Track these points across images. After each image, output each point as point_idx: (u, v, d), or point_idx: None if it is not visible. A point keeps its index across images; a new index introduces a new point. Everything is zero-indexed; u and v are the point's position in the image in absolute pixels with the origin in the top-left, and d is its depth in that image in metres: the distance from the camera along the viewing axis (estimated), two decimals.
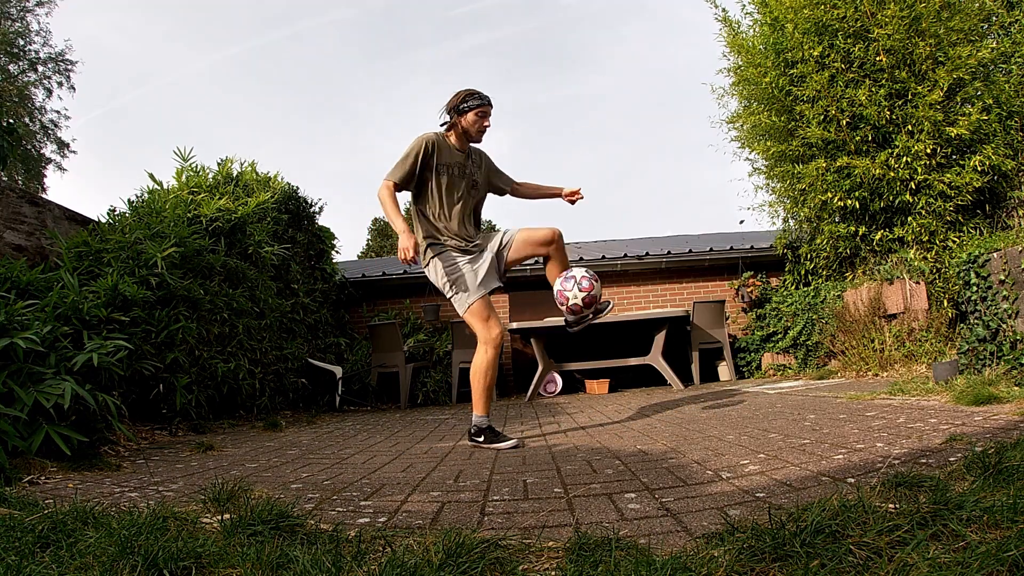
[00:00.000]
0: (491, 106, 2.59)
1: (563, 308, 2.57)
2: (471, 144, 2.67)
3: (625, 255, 6.94)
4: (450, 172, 2.58)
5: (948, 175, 4.61)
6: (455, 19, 51.38)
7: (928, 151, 4.61)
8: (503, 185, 2.84)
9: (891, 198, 4.81)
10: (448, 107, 2.58)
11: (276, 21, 46.00)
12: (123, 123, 44.17)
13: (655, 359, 5.56)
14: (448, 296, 2.59)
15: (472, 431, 2.53)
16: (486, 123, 2.59)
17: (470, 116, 2.55)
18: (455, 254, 2.58)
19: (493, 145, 2.97)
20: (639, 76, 56.10)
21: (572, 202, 2.84)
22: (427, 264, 2.63)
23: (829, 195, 5.01)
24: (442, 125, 2.62)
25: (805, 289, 5.85)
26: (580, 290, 2.48)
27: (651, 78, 56.53)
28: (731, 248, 6.89)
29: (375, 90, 56.65)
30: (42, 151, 17.93)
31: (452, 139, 2.60)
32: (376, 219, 30.07)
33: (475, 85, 2.59)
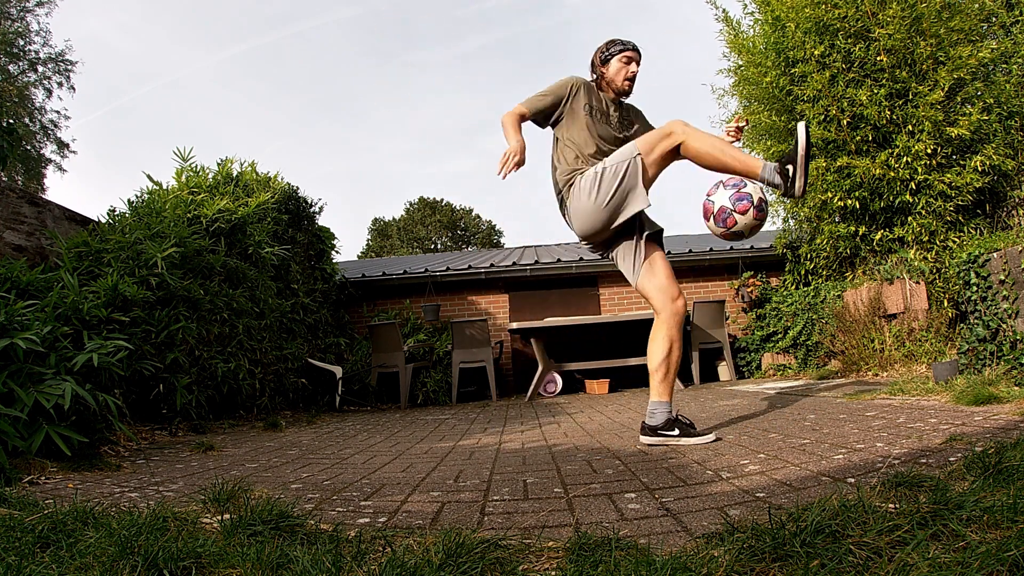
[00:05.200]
0: (637, 52, 2.33)
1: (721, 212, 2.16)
2: (623, 100, 2.42)
3: None
4: (601, 118, 2.34)
5: (948, 175, 4.61)
6: (460, 19, 51.39)
7: (928, 151, 4.60)
8: None
9: (891, 198, 4.81)
10: (592, 65, 2.39)
11: (278, 20, 46.04)
12: (123, 123, 44.27)
13: None
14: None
15: (657, 424, 2.16)
16: (633, 68, 2.33)
17: (613, 64, 2.32)
18: None
19: None
20: (642, 76, 55.95)
21: (740, 132, 2.41)
22: (581, 179, 2.25)
23: (829, 195, 5.01)
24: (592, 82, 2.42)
25: (805, 289, 5.85)
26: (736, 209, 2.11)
27: (653, 78, 56.51)
28: (731, 248, 6.89)
29: (377, 90, 56.69)
30: (42, 151, 17.95)
31: (602, 94, 2.40)
32: (376, 219, 30.08)
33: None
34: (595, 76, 2.41)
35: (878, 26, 4.70)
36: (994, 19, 4.97)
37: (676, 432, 2.14)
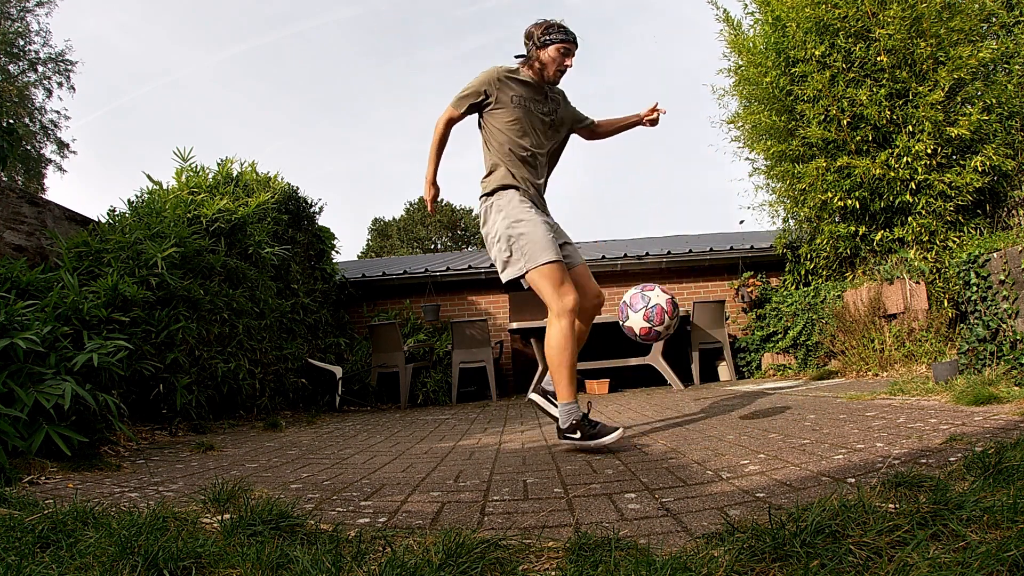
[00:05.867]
0: (576, 44, 2.30)
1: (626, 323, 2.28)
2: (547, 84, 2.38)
3: (625, 255, 6.94)
4: (525, 107, 2.30)
5: (948, 175, 4.61)
6: (460, 19, 51.40)
7: (928, 151, 4.60)
8: (585, 123, 2.55)
9: (891, 198, 4.81)
10: (526, 37, 2.31)
11: (278, 20, 46.03)
12: (123, 123, 44.27)
13: (655, 359, 5.55)
14: (503, 256, 2.23)
15: (563, 427, 2.16)
16: (567, 62, 2.29)
17: (551, 51, 2.25)
18: (524, 202, 2.25)
19: None
20: (642, 76, 56.15)
21: (654, 122, 2.53)
22: (487, 209, 2.31)
23: (829, 195, 5.01)
24: (517, 58, 2.35)
25: (805, 289, 5.85)
26: (644, 319, 2.20)
27: (654, 78, 56.56)
28: (731, 248, 6.89)
29: (377, 90, 56.69)
30: (42, 151, 17.94)
31: (528, 74, 2.32)
32: (376, 219, 30.09)
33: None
34: (526, 54, 2.33)
35: (878, 26, 4.70)
36: (994, 19, 4.97)
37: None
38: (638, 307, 2.22)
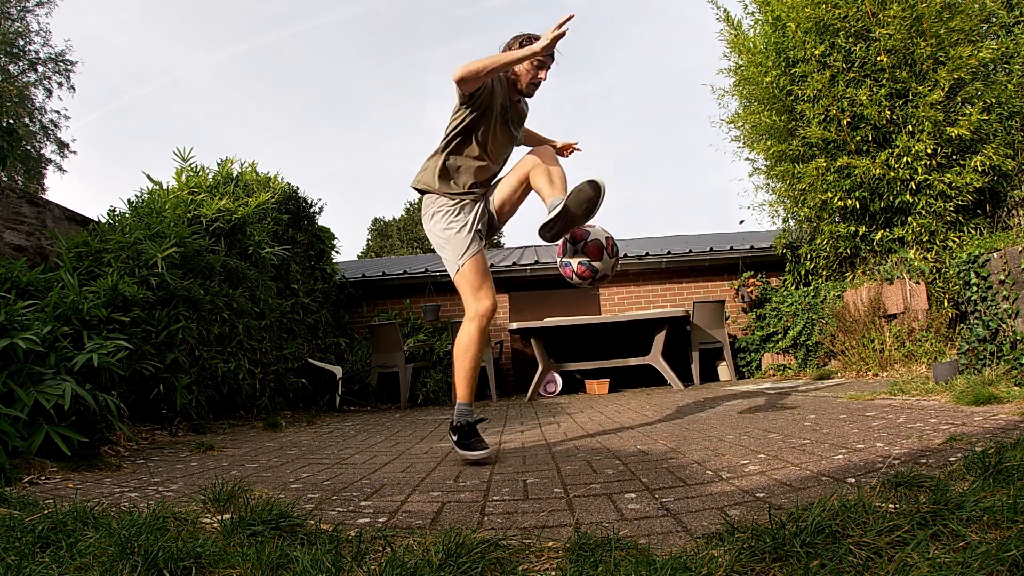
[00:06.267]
0: (552, 58, 2.21)
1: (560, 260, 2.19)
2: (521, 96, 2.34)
3: (625, 255, 6.94)
4: (501, 119, 2.28)
5: (948, 175, 4.61)
6: (460, 19, 51.39)
7: (928, 151, 4.61)
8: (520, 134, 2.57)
9: (891, 198, 4.81)
10: (505, 49, 2.26)
11: (278, 20, 46.02)
12: (123, 123, 44.24)
13: (655, 359, 5.55)
14: (443, 257, 2.32)
15: (453, 423, 2.16)
16: (541, 75, 2.23)
17: (524, 64, 2.20)
18: (461, 203, 2.27)
19: None
20: (643, 76, 56.14)
21: (566, 155, 2.59)
22: (428, 212, 2.34)
23: (829, 195, 5.01)
24: None
25: (805, 289, 5.85)
26: (579, 264, 2.10)
27: (654, 78, 56.58)
28: (731, 248, 6.89)
29: (377, 90, 56.69)
30: (42, 151, 17.94)
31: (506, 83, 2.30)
32: (376, 219, 30.09)
33: None
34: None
35: (878, 26, 4.70)
36: (994, 19, 4.98)
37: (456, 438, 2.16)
38: (579, 242, 2.12)
